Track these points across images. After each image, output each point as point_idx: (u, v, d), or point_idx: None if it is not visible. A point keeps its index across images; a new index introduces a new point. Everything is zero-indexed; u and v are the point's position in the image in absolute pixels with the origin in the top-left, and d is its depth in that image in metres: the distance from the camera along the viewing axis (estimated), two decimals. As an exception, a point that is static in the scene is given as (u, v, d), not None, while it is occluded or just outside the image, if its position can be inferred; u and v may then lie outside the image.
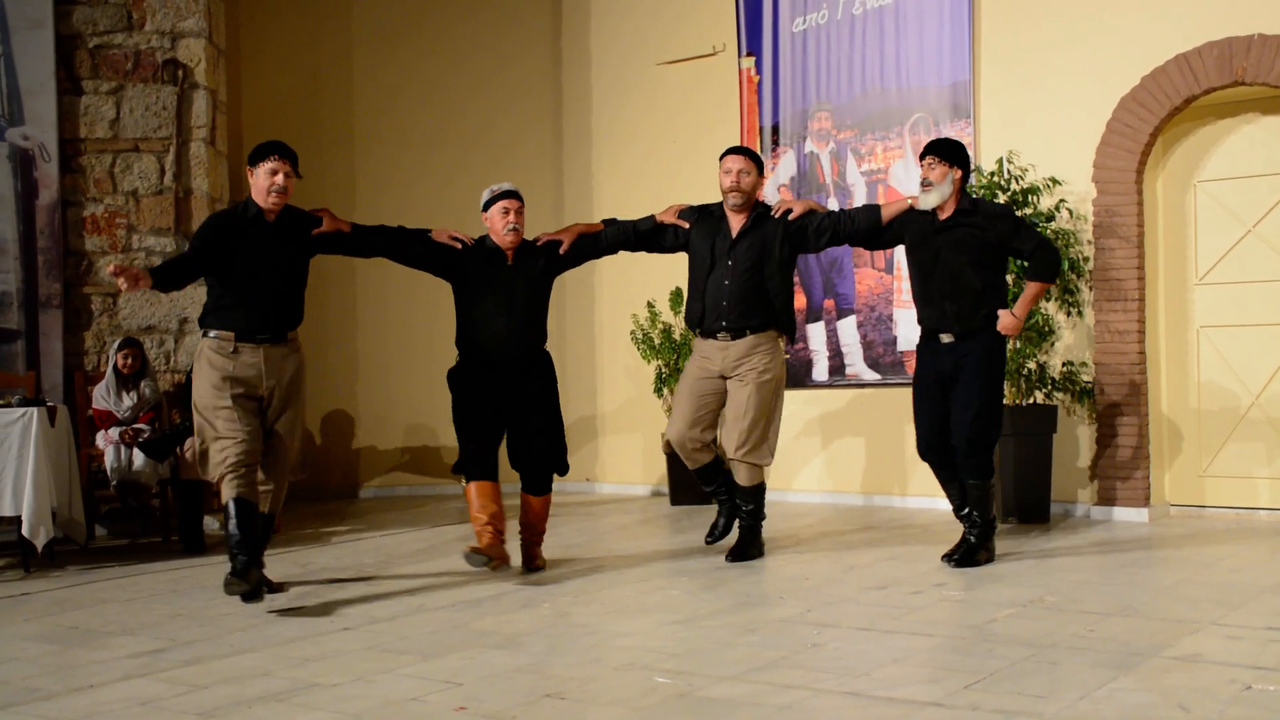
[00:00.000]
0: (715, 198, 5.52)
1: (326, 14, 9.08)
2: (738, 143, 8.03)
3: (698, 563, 5.44)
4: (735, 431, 5.30)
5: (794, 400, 7.84)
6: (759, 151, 7.99)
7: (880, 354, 7.44)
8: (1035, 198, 6.52)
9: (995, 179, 6.55)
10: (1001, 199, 6.51)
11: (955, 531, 5.43)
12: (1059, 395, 6.63)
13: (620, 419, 8.71)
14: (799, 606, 4.40)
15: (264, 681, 3.53)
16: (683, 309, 6.35)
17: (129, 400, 6.68)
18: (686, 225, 5.42)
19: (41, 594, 5.21)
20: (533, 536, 5.35)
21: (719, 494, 5.51)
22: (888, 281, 7.42)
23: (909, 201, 5.31)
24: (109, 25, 7.32)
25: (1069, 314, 6.64)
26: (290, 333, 4.95)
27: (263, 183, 4.83)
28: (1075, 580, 4.77)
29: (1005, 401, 6.50)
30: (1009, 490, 6.38)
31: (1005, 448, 6.36)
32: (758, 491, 5.43)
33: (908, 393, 5.56)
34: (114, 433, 6.53)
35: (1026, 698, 3.11)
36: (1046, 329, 6.52)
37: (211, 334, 4.81)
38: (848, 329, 7.60)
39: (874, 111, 7.49)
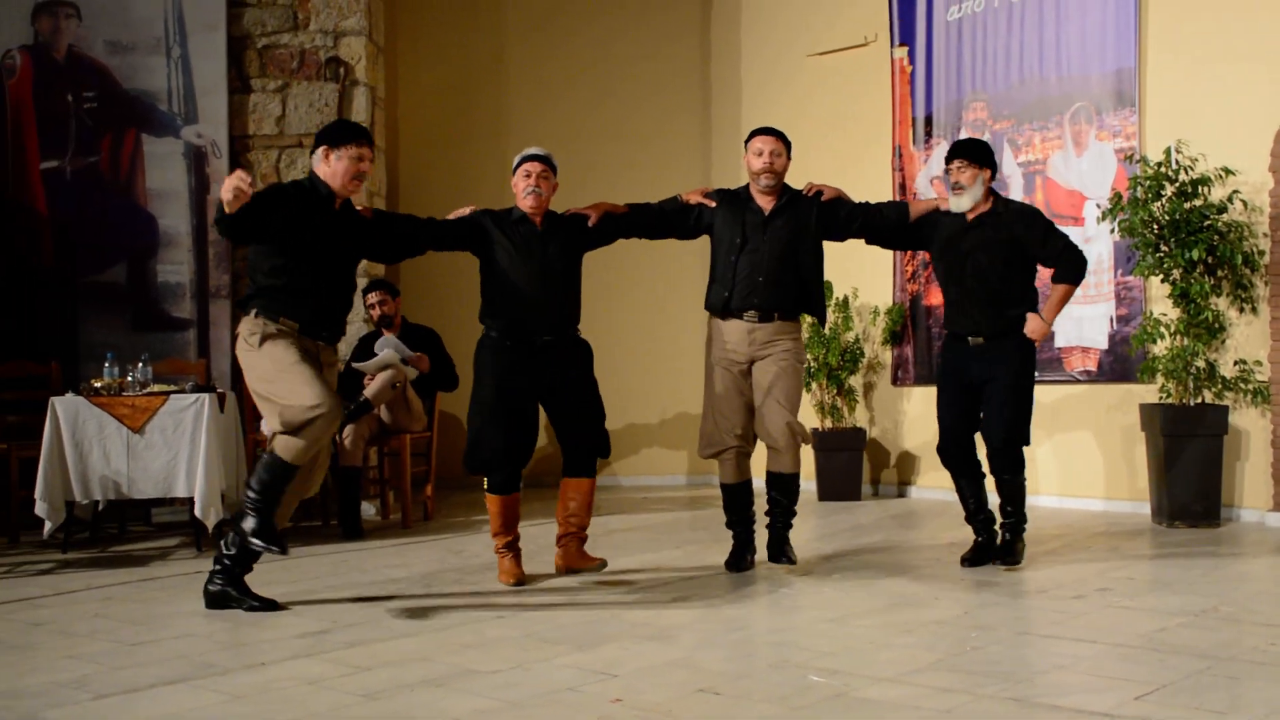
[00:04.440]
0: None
1: (480, 9, 9.24)
2: (891, 136, 7.90)
3: (849, 560, 5.37)
4: (782, 413, 5.03)
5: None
6: (912, 143, 7.85)
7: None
8: (1206, 189, 6.23)
9: (1162, 169, 6.28)
10: (1169, 190, 6.24)
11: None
12: (1230, 395, 6.32)
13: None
14: (955, 608, 4.30)
15: (424, 666, 3.62)
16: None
17: (292, 388, 6.91)
18: (713, 205, 5.23)
19: (212, 572, 5.45)
20: (578, 531, 5.10)
21: (748, 524, 5.22)
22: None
23: (938, 202, 5.24)
24: (276, 25, 7.60)
25: (1241, 310, 6.33)
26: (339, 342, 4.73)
27: (347, 168, 4.48)
28: (1251, 590, 4.55)
29: (1170, 400, 6.27)
30: (1176, 493, 6.12)
31: (1172, 448, 6.10)
32: (797, 482, 5.16)
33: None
34: (278, 419, 6.78)
35: (1206, 713, 2.97)
36: (1216, 325, 6.23)
37: (272, 319, 4.43)
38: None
39: (1032, 101, 7.26)
